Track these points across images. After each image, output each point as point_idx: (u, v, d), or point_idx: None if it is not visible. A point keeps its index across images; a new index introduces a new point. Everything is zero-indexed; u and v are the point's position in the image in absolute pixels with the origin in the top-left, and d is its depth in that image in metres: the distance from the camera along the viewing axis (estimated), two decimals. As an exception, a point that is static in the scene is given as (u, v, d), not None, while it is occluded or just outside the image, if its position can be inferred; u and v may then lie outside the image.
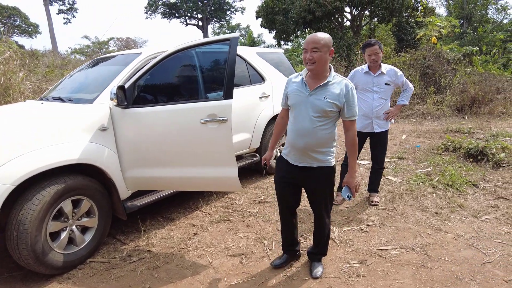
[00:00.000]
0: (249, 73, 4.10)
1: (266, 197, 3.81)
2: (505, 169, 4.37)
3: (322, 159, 2.11)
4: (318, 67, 1.99)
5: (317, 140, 2.05)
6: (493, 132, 6.20)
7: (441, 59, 10.48)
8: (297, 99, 2.08)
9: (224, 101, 2.55)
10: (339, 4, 13.30)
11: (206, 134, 2.58)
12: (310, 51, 1.96)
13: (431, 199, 3.60)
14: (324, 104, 1.99)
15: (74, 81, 3.62)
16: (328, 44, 1.98)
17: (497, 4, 28.29)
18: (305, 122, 2.04)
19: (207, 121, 2.56)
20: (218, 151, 2.61)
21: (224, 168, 2.64)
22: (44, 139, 2.39)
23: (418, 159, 4.97)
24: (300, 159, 2.14)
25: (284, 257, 2.54)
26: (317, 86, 2.02)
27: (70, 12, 31.65)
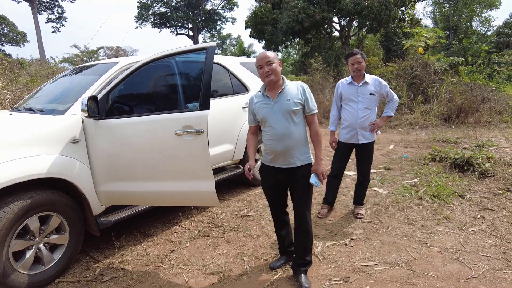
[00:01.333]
0: (232, 83, 4.02)
1: (249, 210, 3.70)
2: (491, 179, 4.34)
3: (303, 157, 2.31)
4: (276, 77, 2.23)
5: (294, 139, 2.24)
6: (479, 141, 6.23)
7: (428, 69, 10.61)
8: (265, 111, 2.27)
9: (200, 112, 2.45)
10: (327, 14, 13.43)
11: (182, 147, 2.47)
12: (265, 65, 2.20)
13: (417, 211, 3.53)
14: (289, 105, 2.21)
15: (49, 91, 3.49)
16: (277, 57, 2.27)
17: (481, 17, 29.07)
18: (279, 128, 2.23)
19: (183, 132, 2.45)
20: (194, 164, 2.50)
21: (201, 182, 2.53)
22: (7, 152, 2.25)
23: (405, 170, 4.93)
24: (284, 162, 2.30)
25: (283, 258, 2.66)
26: (277, 93, 2.25)
27: (59, 21, 31.37)
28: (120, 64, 3.07)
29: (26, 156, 2.32)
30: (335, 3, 13.59)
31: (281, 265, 2.62)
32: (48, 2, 30.56)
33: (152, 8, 34.95)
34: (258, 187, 4.39)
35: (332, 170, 3.52)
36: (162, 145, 2.53)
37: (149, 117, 2.59)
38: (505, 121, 8.91)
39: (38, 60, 20.74)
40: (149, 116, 2.61)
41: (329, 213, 3.59)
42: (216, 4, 36.83)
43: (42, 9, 30.40)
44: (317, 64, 11.90)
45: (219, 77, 3.91)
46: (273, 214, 2.57)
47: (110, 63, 3.20)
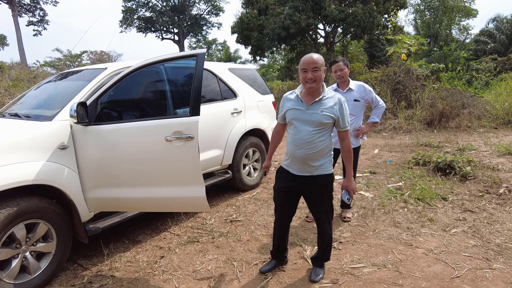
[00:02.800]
0: (221, 88, 4.05)
1: (238, 215, 3.71)
2: (471, 182, 4.50)
3: (321, 167, 2.27)
4: (318, 85, 2.18)
5: (315, 150, 2.21)
6: (460, 145, 6.45)
7: (410, 75, 10.91)
8: (295, 114, 2.25)
9: (191, 118, 2.47)
10: (313, 21, 13.67)
11: (172, 152, 2.48)
12: (311, 70, 2.14)
13: (403, 214, 3.62)
14: (321, 117, 2.18)
15: (35, 96, 3.44)
16: (324, 64, 2.19)
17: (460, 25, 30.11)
18: (304, 134, 2.20)
19: (173, 138, 2.46)
20: (185, 170, 2.51)
21: (191, 188, 2.54)
22: (-7, 159, 2.21)
23: (389, 174, 5.05)
24: (300, 169, 2.29)
25: (273, 263, 2.67)
26: (313, 101, 2.21)
27: (41, 24, 30.66)
28: (109, 69, 3.06)
29: (12, 163, 2.29)
30: (320, 10, 13.85)
31: (271, 269, 2.63)
32: (29, 5, 29.85)
33: (137, 12, 34.66)
34: (246, 192, 4.42)
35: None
36: (152, 151, 2.53)
37: (139, 123, 2.60)
38: (484, 126, 9.23)
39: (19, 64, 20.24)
40: (139, 122, 2.61)
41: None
42: (202, 9, 36.87)
43: (23, 11, 29.65)
44: (303, 70, 12.02)
45: (207, 82, 3.94)
46: (277, 219, 2.52)
47: (99, 68, 3.18)
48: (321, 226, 2.46)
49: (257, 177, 4.56)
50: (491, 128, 9.02)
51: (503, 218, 3.46)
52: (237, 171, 4.18)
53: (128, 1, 34.00)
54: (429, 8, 29.55)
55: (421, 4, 30.37)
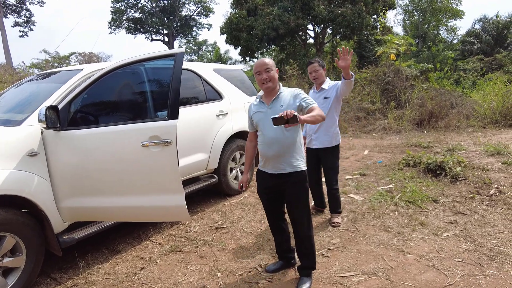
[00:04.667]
0: (205, 90, 3.91)
1: (224, 222, 3.57)
2: (462, 183, 4.44)
3: (293, 164, 2.30)
4: (273, 84, 2.29)
5: (284, 145, 2.25)
6: (450, 146, 6.42)
7: (400, 75, 10.91)
8: (260, 116, 2.32)
9: (168, 122, 2.33)
10: (302, 22, 13.61)
11: (149, 159, 2.33)
12: (264, 72, 2.26)
13: (393, 218, 3.53)
14: (281, 111, 2.12)
15: (6, 100, 3.24)
16: (274, 65, 2.35)
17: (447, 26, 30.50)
18: (271, 133, 2.25)
19: (150, 143, 2.31)
20: (163, 177, 2.37)
21: (170, 196, 2.39)
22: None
23: (380, 175, 4.96)
24: (274, 167, 2.31)
25: (279, 264, 2.64)
26: (272, 100, 2.30)
27: (27, 25, 30.03)
28: (85, 71, 2.89)
29: (-26, 172, 2.11)
30: (310, 11, 13.80)
31: (277, 270, 2.60)
32: (15, 5, 29.21)
33: (126, 13, 34.25)
34: (233, 197, 4.28)
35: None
36: (128, 158, 2.38)
37: (114, 127, 2.44)
38: (472, 125, 9.26)
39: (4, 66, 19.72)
40: (114, 126, 2.45)
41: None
42: (192, 10, 36.60)
43: (8, 12, 29.01)
44: (293, 71, 11.99)
45: (191, 84, 3.79)
46: (268, 220, 2.56)
47: (74, 70, 3.01)
48: (299, 229, 2.39)
49: (244, 181, 4.42)
50: (480, 128, 9.06)
51: (494, 220, 3.39)
52: (223, 175, 4.03)
53: (117, 2, 33.57)
54: (417, 9, 29.85)
55: (409, 5, 30.66)
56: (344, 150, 6.91)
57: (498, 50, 22.16)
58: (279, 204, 2.48)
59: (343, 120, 9.84)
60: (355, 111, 10.27)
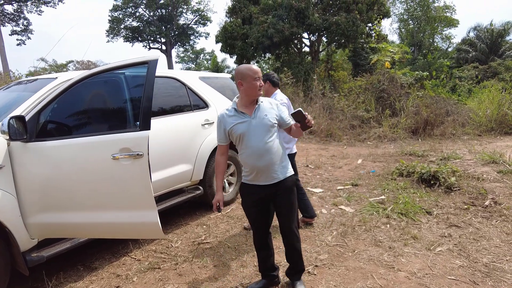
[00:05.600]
0: (190, 98, 3.78)
1: (208, 236, 3.41)
2: (456, 194, 4.31)
3: (285, 169, 2.28)
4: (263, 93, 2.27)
5: (274, 154, 2.19)
6: (445, 154, 6.30)
7: (394, 83, 10.85)
8: (243, 127, 2.17)
9: (140, 133, 2.19)
10: (296, 30, 13.59)
11: (119, 172, 2.19)
12: (260, 79, 2.18)
13: (385, 231, 3.38)
14: (268, 120, 2.17)
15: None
16: None
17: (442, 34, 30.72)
18: (258, 143, 2.15)
19: (120, 156, 2.17)
20: (134, 192, 2.22)
21: (142, 212, 2.25)
22: None
23: (372, 186, 4.82)
24: (268, 178, 2.22)
25: (262, 282, 2.51)
26: (254, 109, 2.20)
27: (25, 34, 30.02)
28: (59, 80, 2.76)
29: None
30: (304, 19, 13.81)
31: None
32: (12, 14, 29.25)
33: (124, 22, 34.37)
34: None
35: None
36: (98, 171, 2.24)
37: (84, 139, 2.30)
38: (468, 133, 9.18)
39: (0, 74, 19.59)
40: (84, 138, 2.31)
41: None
42: (189, 19, 36.76)
43: (6, 21, 29.03)
44: (287, 79, 11.92)
45: (175, 92, 3.67)
46: (255, 234, 2.43)
47: (49, 78, 2.88)
48: (290, 238, 2.35)
49: (232, 192, 4.27)
50: (475, 136, 8.97)
51: (489, 233, 3.25)
52: (209, 186, 3.88)
53: (115, 11, 33.72)
54: (412, 17, 30.08)
55: (404, 14, 30.92)
56: (337, 159, 6.79)
57: (492, 58, 22.27)
58: (267, 215, 2.39)
59: (337, 128, 9.75)
60: (349, 119, 10.17)
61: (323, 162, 6.54)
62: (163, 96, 3.54)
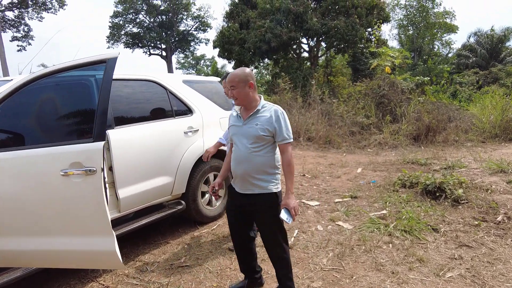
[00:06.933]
0: (171, 104, 3.44)
1: (188, 258, 3.03)
2: (464, 207, 3.95)
3: (263, 185, 2.12)
4: (241, 102, 2.13)
5: (254, 166, 2.09)
6: (449, 162, 5.95)
7: (395, 88, 10.54)
8: (234, 130, 2.20)
9: (93, 144, 1.84)
10: (294, 34, 13.33)
11: (69, 191, 1.84)
12: (230, 89, 2.12)
13: (387, 252, 3.01)
14: (256, 131, 2.07)
15: None
16: (244, 79, 2.08)
17: (442, 40, 30.53)
18: (242, 150, 2.11)
19: (70, 172, 1.82)
20: (86, 215, 1.87)
21: (96, 239, 1.89)
22: None
23: (373, 198, 4.46)
24: (242, 187, 2.17)
25: (244, 283, 2.47)
26: (248, 116, 2.12)
27: (25, 40, 29.94)
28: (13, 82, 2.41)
29: None
30: (302, 23, 13.55)
31: None
32: (13, 20, 29.20)
33: (125, 28, 34.33)
34: (206, 225, 3.75)
35: None
36: (46, 190, 1.89)
37: (28, 151, 1.94)
38: (471, 140, 8.84)
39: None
40: (28, 150, 1.96)
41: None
42: (190, 25, 36.73)
43: (6, 27, 28.95)
44: (285, 84, 11.63)
45: (154, 97, 3.33)
46: (232, 239, 2.41)
47: (3, 80, 2.54)
48: (272, 252, 2.25)
49: (219, 206, 3.90)
50: (479, 142, 8.63)
51: (505, 255, 2.88)
52: (193, 200, 3.52)
53: (115, 17, 33.70)
54: (412, 23, 29.91)
55: (404, 20, 30.75)
56: (336, 168, 6.43)
57: (493, 63, 22.03)
58: (245, 226, 2.33)
59: (336, 135, 9.40)
60: (349, 126, 9.83)
61: (320, 171, 6.18)
62: (140, 101, 3.20)
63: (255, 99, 2.13)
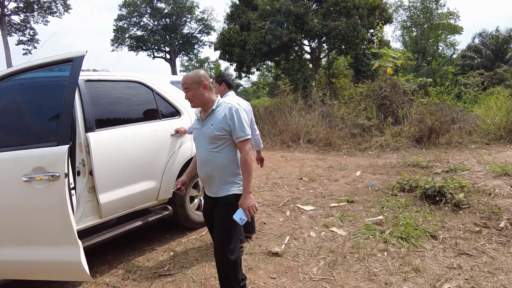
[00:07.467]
0: (158, 105, 3.32)
1: (172, 267, 2.90)
2: (465, 212, 3.78)
3: (224, 187, 2.07)
4: (197, 103, 2.09)
5: (213, 167, 2.05)
6: (451, 165, 5.77)
7: (397, 90, 10.37)
8: (195, 134, 2.18)
9: (57, 148, 1.73)
10: (295, 36, 13.19)
11: (32, 198, 1.73)
12: (184, 91, 2.08)
13: (381, 260, 2.86)
14: (211, 130, 2.02)
15: None
16: (197, 80, 2.03)
17: (446, 41, 30.21)
18: (202, 152, 2.09)
19: (33, 178, 1.71)
20: (49, 224, 1.75)
21: (60, 249, 1.77)
22: None
23: (370, 202, 4.30)
24: (208, 190, 2.16)
25: None
26: (205, 117, 2.09)
27: (31, 43, 30.23)
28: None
29: None
30: (303, 25, 13.42)
31: None
32: (19, 24, 29.52)
33: (129, 31, 34.52)
34: (194, 231, 3.62)
35: None
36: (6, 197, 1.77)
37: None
38: (475, 142, 8.63)
39: None
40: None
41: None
42: (193, 28, 36.83)
43: (12, 31, 29.26)
44: (285, 86, 11.50)
45: (139, 98, 3.22)
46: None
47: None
48: (216, 252, 2.09)
49: (209, 211, 3.77)
50: (483, 144, 8.42)
51: (508, 265, 2.72)
52: (180, 206, 3.40)
53: (120, 21, 33.92)
54: (415, 24, 29.65)
55: (407, 21, 30.50)
56: (334, 171, 6.28)
57: (498, 64, 21.72)
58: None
59: (337, 137, 9.25)
60: (350, 128, 9.67)
61: (318, 174, 6.03)
62: (124, 103, 3.09)
63: (211, 99, 2.08)
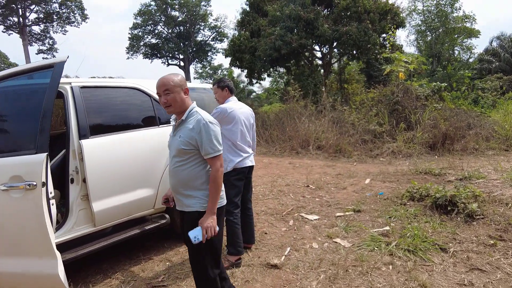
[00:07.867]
0: (156, 111, 3.28)
1: (167, 277, 2.82)
2: (479, 223, 3.56)
3: (187, 203, 1.93)
4: (176, 109, 1.92)
5: (178, 180, 1.94)
6: (466, 173, 5.52)
7: (409, 95, 10.11)
8: (169, 142, 2.06)
9: (34, 157, 1.68)
10: (305, 41, 13.09)
11: (8, 208, 1.67)
12: (163, 94, 1.89)
13: (386, 275, 2.69)
14: (178, 143, 1.89)
15: None
16: (180, 84, 1.91)
17: (463, 45, 29.49)
18: (171, 163, 1.98)
19: (10, 187, 1.66)
20: (27, 235, 1.69)
21: (37, 261, 1.71)
22: None
23: (377, 212, 4.12)
24: (177, 202, 2.04)
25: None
26: (177, 125, 1.97)
27: (50, 52, 31.29)
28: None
29: None
30: (313, 30, 13.31)
31: None
32: (39, 34, 30.64)
33: (144, 39, 35.27)
34: (193, 240, 3.53)
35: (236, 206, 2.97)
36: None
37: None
38: (493, 148, 8.28)
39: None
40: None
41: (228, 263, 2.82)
42: (207, 36, 37.32)
43: (33, 40, 30.37)
44: (294, 92, 11.39)
45: (137, 105, 3.18)
46: None
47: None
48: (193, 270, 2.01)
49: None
50: (501, 151, 8.07)
51: (524, 282, 2.51)
52: (177, 214, 3.31)
53: (135, 29, 34.72)
54: (430, 28, 29.10)
55: (422, 25, 29.98)
56: (343, 178, 6.10)
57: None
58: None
59: (347, 143, 9.05)
60: (361, 134, 9.46)
61: (326, 182, 5.87)
62: (121, 110, 3.06)
63: (188, 106, 1.95)
